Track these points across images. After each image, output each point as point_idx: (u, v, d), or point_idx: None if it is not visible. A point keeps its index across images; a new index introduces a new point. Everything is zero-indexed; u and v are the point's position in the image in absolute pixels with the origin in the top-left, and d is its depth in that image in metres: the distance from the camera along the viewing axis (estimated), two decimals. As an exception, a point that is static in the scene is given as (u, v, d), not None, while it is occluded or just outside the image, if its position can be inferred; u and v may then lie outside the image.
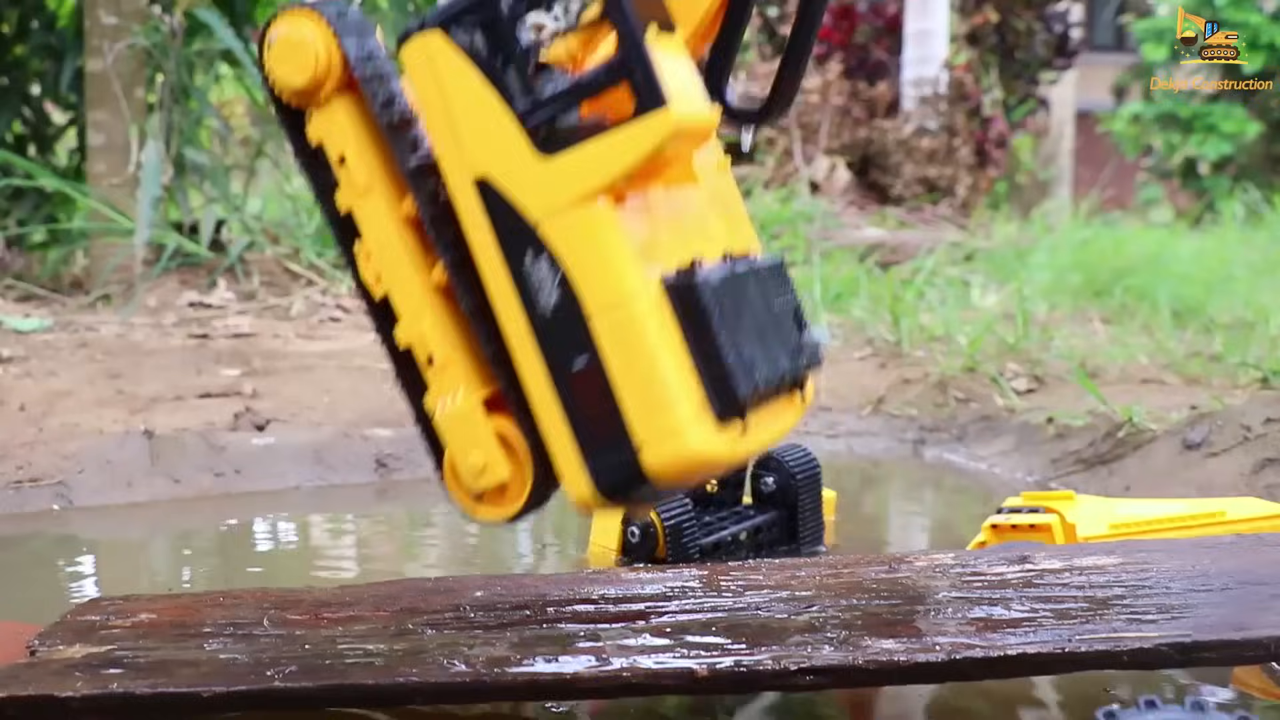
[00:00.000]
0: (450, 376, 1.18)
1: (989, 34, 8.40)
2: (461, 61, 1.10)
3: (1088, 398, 2.89)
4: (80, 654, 1.38)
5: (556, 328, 1.10)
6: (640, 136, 1.07)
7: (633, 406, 1.09)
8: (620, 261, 1.09)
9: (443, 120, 1.11)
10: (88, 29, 4.08)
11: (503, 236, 1.10)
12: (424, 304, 1.18)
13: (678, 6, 1.19)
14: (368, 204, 1.18)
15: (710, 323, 1.09)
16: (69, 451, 2.49)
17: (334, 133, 1.17)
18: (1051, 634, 1.31)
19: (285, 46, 1.16)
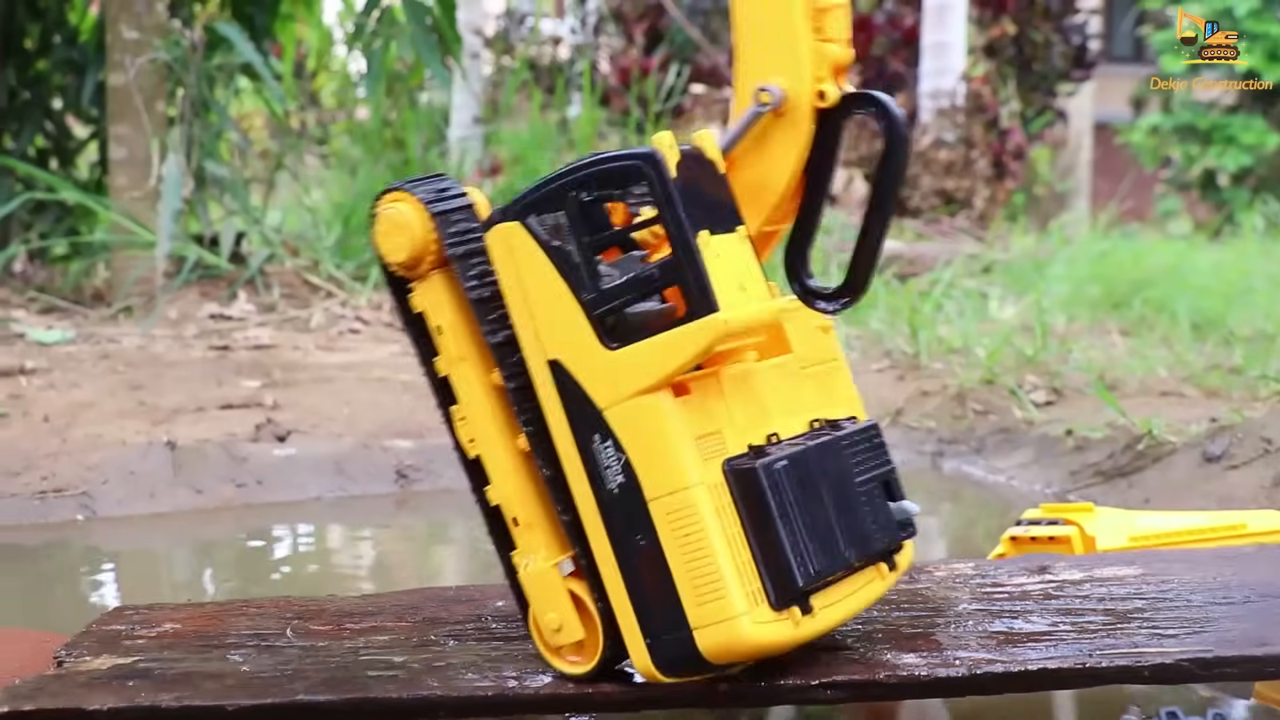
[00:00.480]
0: (533, 538, 1.24)
1: (1006, 46, 8.39)
2: (536, 250, 1.16)
3: (1107, 410, 2.89)
4: (106, 665, 1.39)
5: (621, 507, 1.15)
6: (690, 340, 1.12)
7: (686, 591, 1.13)
8: (675, 451, 1.13)
9: (521, 303, 1.18)
10: (109, 43, 4.11)
11: (573, 417, 1.16)
12: (510, 468, 1.23)
13: (749, 196, 1.21)
14: (461, 371, 1.24)
15: (768, 512, 1.13)
16: (92, 462, 2.51)
17: (432, 304, 1.24)
18: (1072, 648, 1.31)
19: (388, 224, 1.23)
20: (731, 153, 1.21)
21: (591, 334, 1.15)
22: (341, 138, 6.29)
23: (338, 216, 4.72)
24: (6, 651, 1.52)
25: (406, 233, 1.22)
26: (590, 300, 1.15)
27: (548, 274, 1.16)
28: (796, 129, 1.18)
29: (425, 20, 4.37)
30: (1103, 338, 4.10)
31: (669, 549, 1.13)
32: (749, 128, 1.19)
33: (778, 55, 1.17)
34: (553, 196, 1.16)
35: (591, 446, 1.16)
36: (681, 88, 7.00)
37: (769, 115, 1.19)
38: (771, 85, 1.17)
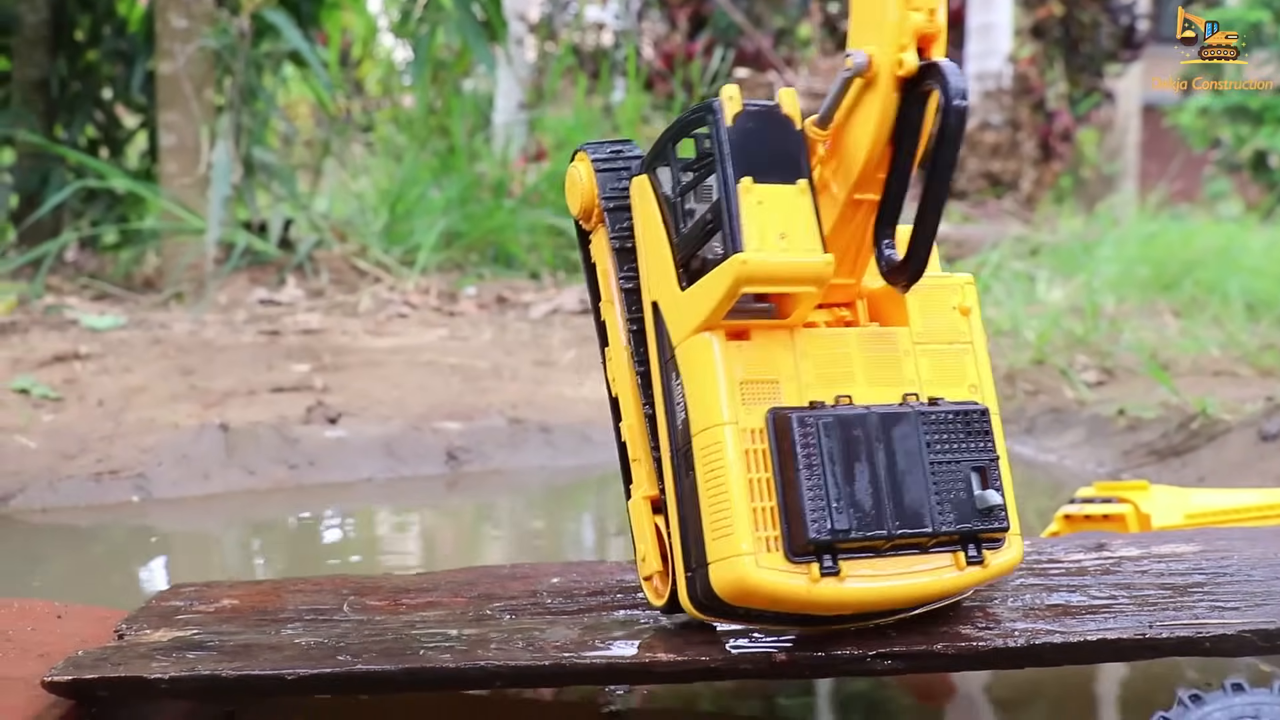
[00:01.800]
0: (639, 472, 1.30)
1: (1053, 27, 8.31)
2: (654, 200, 1.24)
3: (1159, 390, 2.86)
4: (166, 637, 1.40)
5: (681, 442, 1.20)
6: (718, 280, 1.15)
7: (707, 526, 1.16)
8: (715, 389, 1.16)
9: (642, 249, 1.27)
10: (158, 32, 4.14)
11: (661, 355, 1.23)
12: (631, 407, 1.30)
13: (843, 162, 1.20)
14: (609, 315, 1.33)
15: (794, 460, 1.13)
16: (147, 445, 2.54)
17: (599, 252, 1.34)
18: (1131, 620, 1.30)
19: (569, 181, 1.36)
20: (832, 118, 1.21)
21: (673, 276, 1.21)
22: (387, 125, 6.32)
23: (384, 202, 4.74)
24: (68, 626, 1.54)
25: (578, 189, 1.33)
26: (677, 242, 1.22)
27: (658, 221, 1.24)
28: (880, 97, 1.16)
29: (471, 6, 4.38)
30: (1154, 318, 4.06)
31: (700, 483, 1.17)
32: (841, 94, 1.19)
33: (868, 23, 1.17)
34: (660, 149, 1.24)
35: (671, 382, 1.21)
36: (726, 72, 6.98)
37: (859, 84, 1.18)
38: (856, 52, 1.16)
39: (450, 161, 4.96)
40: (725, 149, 1.17)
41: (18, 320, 3.59)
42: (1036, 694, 1.53)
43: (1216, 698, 1.10)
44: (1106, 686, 1.59)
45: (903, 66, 1.14)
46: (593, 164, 1.33)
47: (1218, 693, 1.10)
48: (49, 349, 3.21)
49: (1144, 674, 1.55)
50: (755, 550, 1.13)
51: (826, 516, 1.13)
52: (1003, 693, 1.54)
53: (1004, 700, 1.55)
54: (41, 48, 4.64)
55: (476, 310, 3.98)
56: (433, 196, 4.74)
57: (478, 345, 3.46)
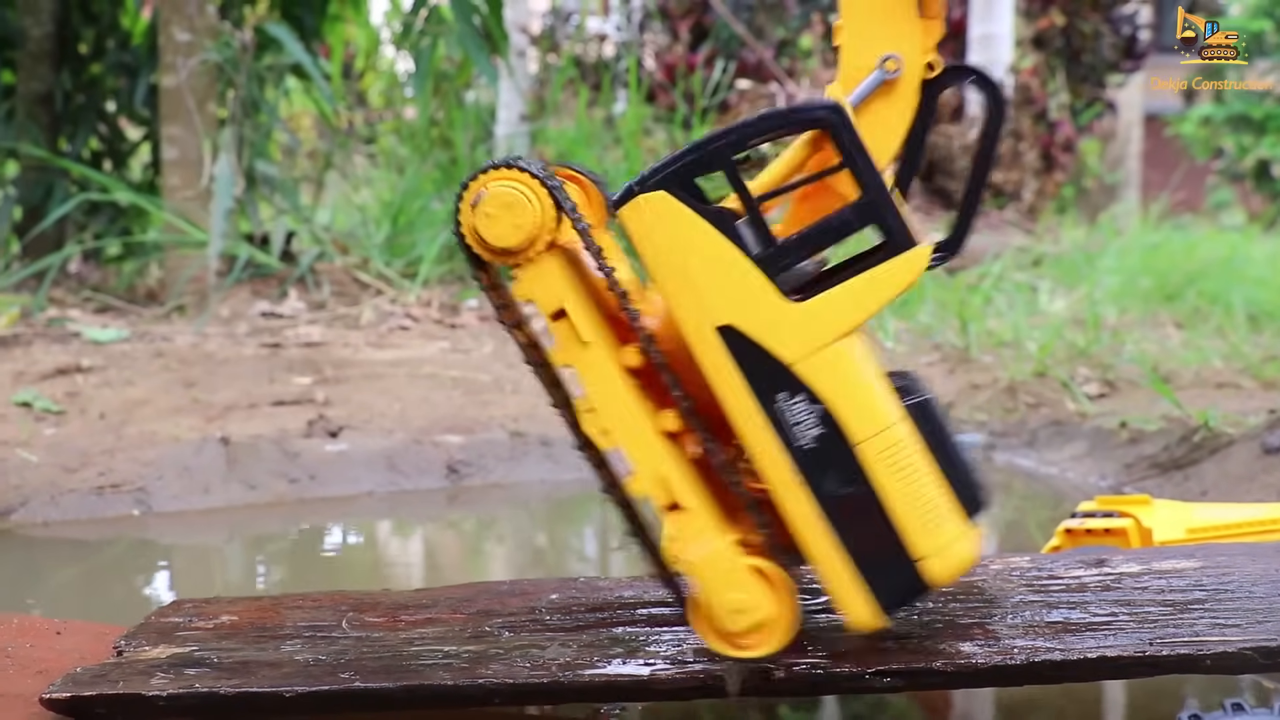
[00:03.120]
0: (694, 520, 1.20)
1: (1055, 37, 8.30)
2: (690, 216, 1.15)
3: (1161, 402, 2.85)
4: (165, 654, 1.40)
5: (821, 461, 1.16)
6: (901, 274, 1.16)
7: (909, 523, 1.17)
8: (876, 391, 1.18)
9: (677, 273, 1.16)
10: (161, 45, 4.15)
11: (753, 379, 1.16)
12: (657, 453, 1.20)
13: (876, 141, 1.22)
14: (588, 356, 1.20)
15: (947, 433, 1.20)
16: (148, 458, 2.54)
17: (548, 287, 1.19)
18: (1131, 637, 1.30)
19: (497, 204, 1.17)
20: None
21: (770, 290, 1.15)
22: (389, 137, 6.33)
23: (386, 215, 4.74)
24: (67, 642, 1.54)
25: (523, 213, 1.17)
26: (766, 255, 1.16)
27: (705, 236, 1.16)
28: (905, 98, 1.22)
29: (473, 19, 4.39)
30: (1156, 330, 4.06)
31: (886, 487, 1.16)
32: (872, 93, 1.22)
33: (894, 28, 1.22)
34: (706, 160, 1.16)
35: (775, 406, 1.16)
36: (727, 84, 6.99)
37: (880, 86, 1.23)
38: (895, 54, 1.21)
39: (452, 173, 4.97)
40: (865, 149, 1.16)
41: (20, 333, 3.59)
42: (1038, 706, 1.53)
43: (1217, 718, 1.10)
44: (1109, 700, 1.58)
45: (933, 70, 1.22)
46: (540, 180, 1.18)
47: (1218, 713, 1.10)
48: (51, 362, 3.22)
49: (1145, 687, 1.54)
50: (965, 525, 1.21)
51: (978, 483, 1.22)
52: (1006, 704, 1.54)
53: (1007, 711, 1.55)
54: (46, 61, 4.65)
55: (478, 323, 3.98)
56: (435, 209, 4.75)
57: (479, 358, 3.46)
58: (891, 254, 1.16)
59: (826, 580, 1.19)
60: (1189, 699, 1.38)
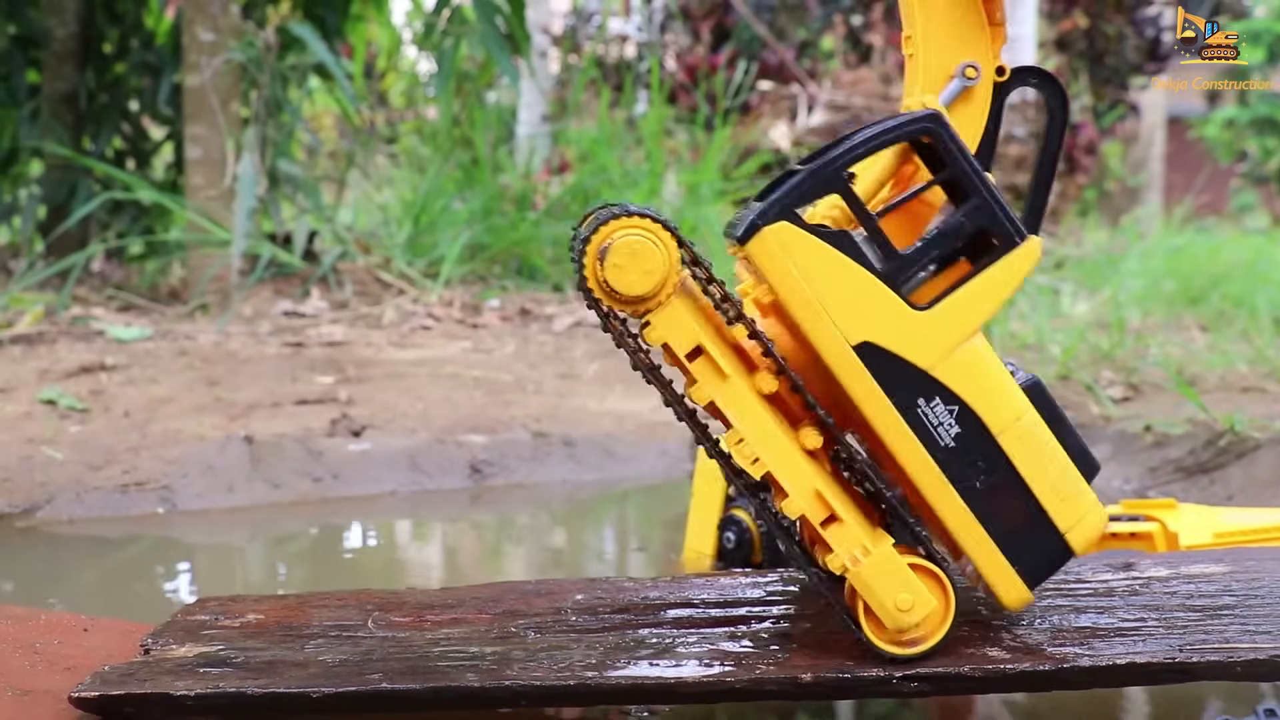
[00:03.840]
0: (850, 531, 1.25)
1: (1078, 39, 8.28)
2: (813, 241, 1.20)
3: (1186, 406, 2.84)
4: (192, 653, 1.41)
5: (964, 456, 1.24)
6: (1017, 269, 1.24)
7: (1052, 501, 1.26)
8: (1005, 382, 1.26)
9: (809, 299, 1.21)
10: (186, 45, 4.17)
11: (893, 389, 1.22)
12: (807, 472, 1.25)
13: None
14: (729, 389, 1.24)
15: (1059, 410, 1.29)
16: (172, 456, 2.55)
17: (679, 330, 1.23)
18: (1161, 643, 1.29)
19: (626, 255, 1.20)
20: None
21: (899, 303, 1.21)
22: (410, 137, 6.34)
23: (408, 214, 4.75)
24: (94, 640, 1.54)
25: (652, 259, 1.20)
26: (890, 269, 1.22)
27: (831, 260, 1.21)
28: (982, 102, 1.30)
29: (495, 19, 4.40)
30: (1180, 333, 4.04)
31: (1028, 470, 1.25)
32: (955, 103, 1.29)
33: (968, 37, 1.29)
34: (822, 184, 1.21)
35: (917, 411, 1.23)
36: (749, 85, 6.98)
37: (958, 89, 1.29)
38: (974, 63, 1.28)
39: (474, 174, 4.97)
40: (968, 152, 1.24)
41: (45, 331, 3.61)
42: (1059, 711, 1.52)
43: (1248, 724, 1.09)
44: (1131, 705, 1.58)
45: (1003, 74, 1.30)
46: (662, 225, 1.21)
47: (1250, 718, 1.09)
48: (76, 360, 3.23)
49: (1168, 693, 1.53)
50: (1093, 496, 1.30)
51: (1088, 449, 1.32)
52: (1026, 710, 1.53)
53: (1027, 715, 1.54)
54: (70, 61, 4.68)
55: (500, 323, 3.99)
56: (456, 209, 4.75)
57: (501, 358, 3.46)
58: (1006, 250, 1.23)
59: (981, 567, 1.26)
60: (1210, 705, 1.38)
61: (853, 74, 7.75)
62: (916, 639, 1.26)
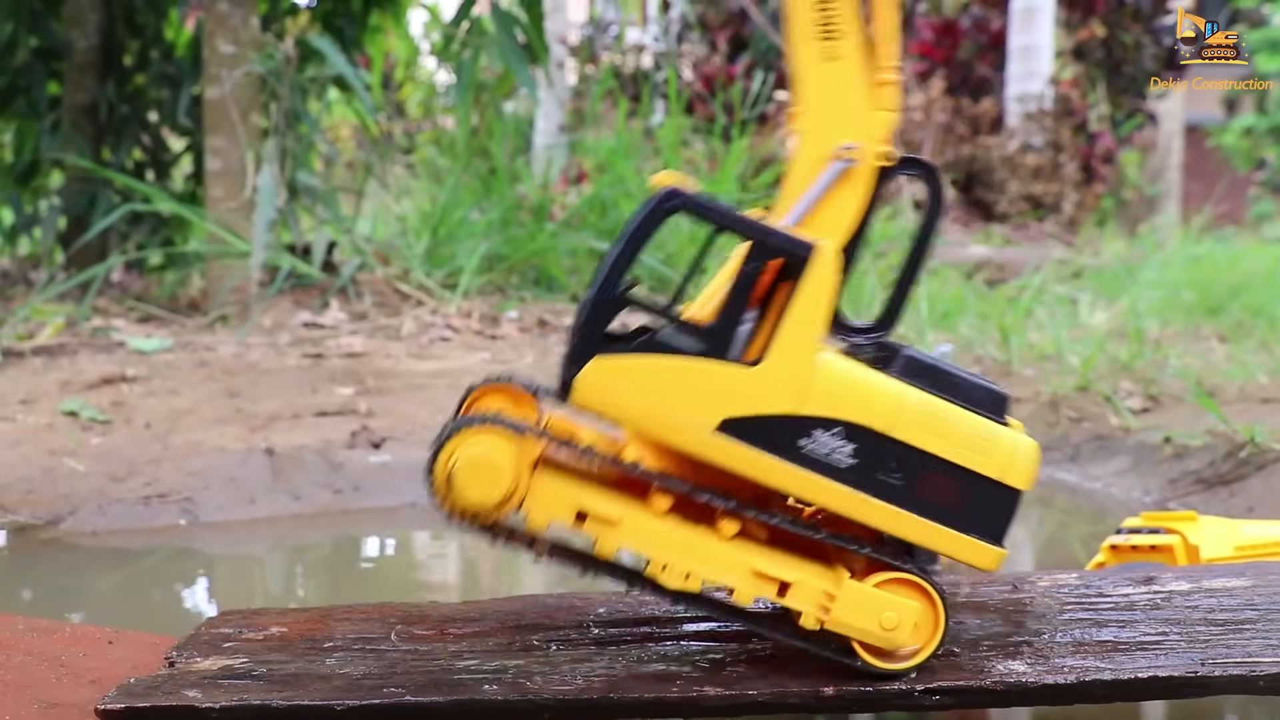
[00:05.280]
0: (809, 585, 1.26)
1: (1095, 48, 8.27)
2: (629, 361, 1.22)
3: (1206, 417, 2.83)
4: (216, 666, 1.42)
5: (867, 467, 1.23)
6: (824, 276, 1.22)
7: (973, 458, 1.24)
8: (872, 379, 1.25)
9: (651, 415, 1.23)
10: (206, 58, 4.19)
11: (772, 447, 1.22)
12: (739, 559, 1.26)
13: (835, 221, 1.30)
14: (629, 530, 1.26)
15: (941, 368, 1.28)
16: (194, 468, 2.56)
17: (558, 502, 1.26)
18: (1183, 658, 1.29)
19: (471, 472, 1.23)
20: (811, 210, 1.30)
21: (732, 370, 1.22)
22: (427, 147, 6.37)
23: (426, 225, 4.77)
24: (119, 652, 1.55)
25: (500, 465, 1.23)
26: (709, 345, 1.22)
27: (651, 368, 1.22)
28: (862, 185, 1.30)
29: (513, 30, 4.41)
30: (1199, 343, 4.03)
31: (936, 446, 1.24)
32: (834, 183, 1.29)
33: (851, 120, 1.29)
34: (607, 308, 1.23)
35: (804, 453, 1.22)
36: (767, 95, 6.99)
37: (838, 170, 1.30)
38: (856, 144, 1.29)
39: (491, 184, 4.99)
40: (713, 205, 1.24)
41: (66, 342, 3.63)
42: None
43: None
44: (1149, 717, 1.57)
45: (889, 159, 1.30)
46: (524, 389, 1.28)
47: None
48: (97, 371, 3.25)
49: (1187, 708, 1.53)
50: (1010, 431, 1.28)
51: (989, 386, 1.32)
52: None
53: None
54: (91, 73, 4.71)
55: (518, 334, 4.00)
56: (474, 220, 4.77)
57: (520, 369, 3.47)
58: (799, 268, 1.22)
59: (944, 551, 1.26)
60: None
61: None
62: (915, 649, 1.27)
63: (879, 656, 1.27)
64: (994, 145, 7.41)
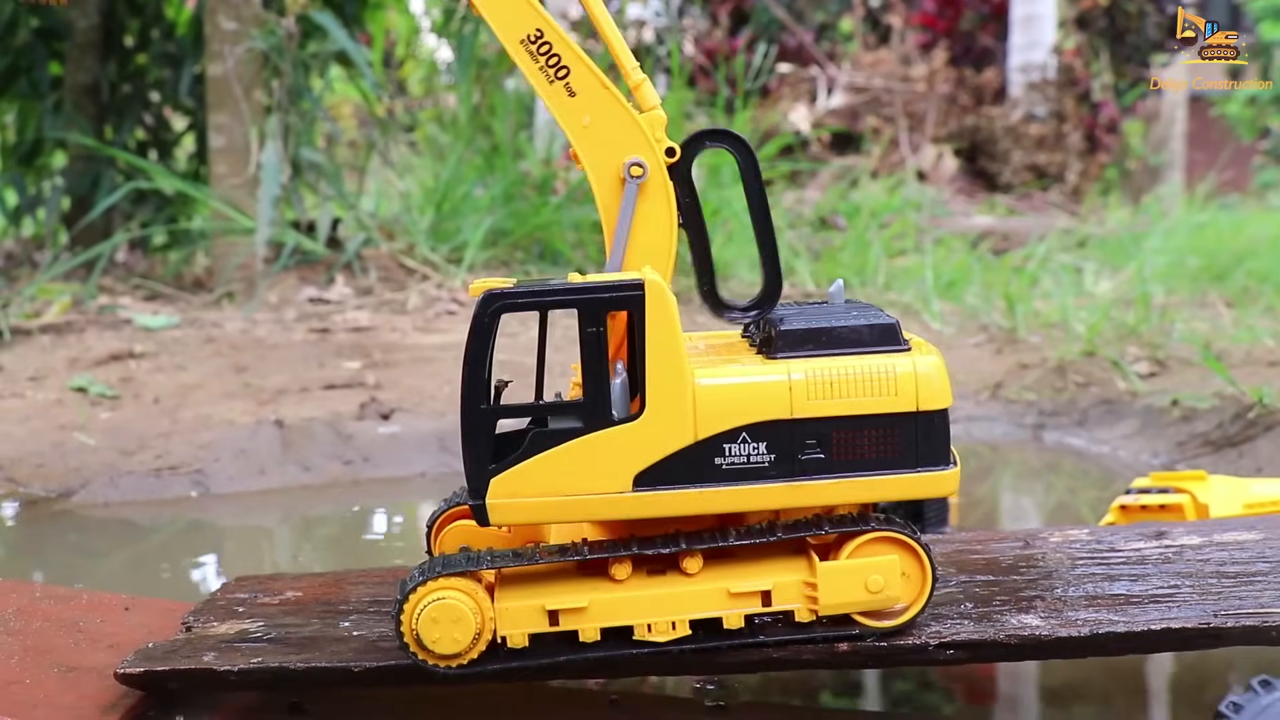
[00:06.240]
0: (785, 586, 1.28)
1: (1098, 17, 8.22)
2: (526, 467, 1.26)
3: (1213, 380, 2.83)
4: (233, 630, 1.43)
5: (789, 457, 1.24)
6: (657, 301, 1.23)
7: (883, 402, 1.24)
8: (748, 374, 1.25)
9: (566, 505, 1.26)
10: (208, 34, 4.18)
11: (693, 480, 1.24)
12: (712, 589, 1.27)
13: (648, 257, 1.34)
14: (601, 608, 1.27)
15: (817, 325, 1.29)
16: (204, 441, 2.57)
17: (525, 613, 1.27)
18: (1195, 610, 1.30)
19: (435, 628, 1.25)
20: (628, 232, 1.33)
21: (622, 431, 1.24)
22: (430, 124, 6.35)
23: (430, 201, 4.76)
24: (136, 618, 1.56)
25: (458, 596, 1.25)
26: (589, 421, 1.25)
27: (548, 463, 1.25)
28: (661, 191, 1.33)
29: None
30: (1205, 309, 4.02)
31: (842, 409, 1.24)
32: (634, 206, 1.32)
33: (620, 137, 1.32)
34: (482, 419, 1.28)
35: (724, 468, 1.24)
36: (769, 68, 6.97)
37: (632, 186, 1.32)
38: (637, 159, 1.31)
39: (494, 160, 4.98)
40: (535, 286, 1.28)
41: (73, 320, 3.63)
42: (1082, 692, 1.52)
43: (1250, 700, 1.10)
44: (1155, 680, 1.58)
45: (673, 155, 1.33)
46: (461, 576, 1.28)
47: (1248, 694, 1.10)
48: (104, 348, 3.25)
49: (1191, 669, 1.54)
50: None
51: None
52: (1050, 687, 1.54)
53: (1050, 695, 1.55)
54: (92, 53, 4.70)
55: (523, 307, 3.99)
56: (477, 195, 4.76)
57: (525, 341, 3.46)
58: (632, 304, 1.23)
59: (898, 496, 1.26)
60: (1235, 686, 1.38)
61: (872, 55, 7.73)
62: (896, 611, 1.29)
63: (879, 618, 1.28)
64: (997, 115, 7.37)
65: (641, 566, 1.29)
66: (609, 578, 1.28)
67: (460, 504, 1.46)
